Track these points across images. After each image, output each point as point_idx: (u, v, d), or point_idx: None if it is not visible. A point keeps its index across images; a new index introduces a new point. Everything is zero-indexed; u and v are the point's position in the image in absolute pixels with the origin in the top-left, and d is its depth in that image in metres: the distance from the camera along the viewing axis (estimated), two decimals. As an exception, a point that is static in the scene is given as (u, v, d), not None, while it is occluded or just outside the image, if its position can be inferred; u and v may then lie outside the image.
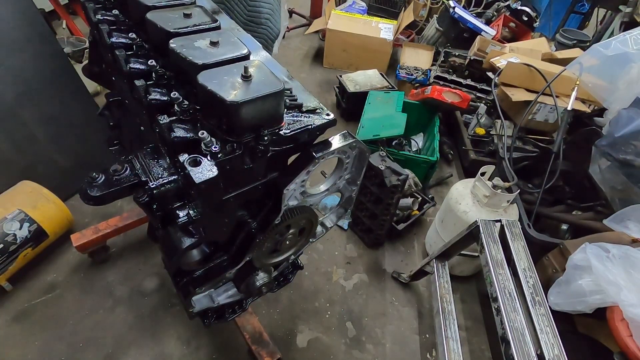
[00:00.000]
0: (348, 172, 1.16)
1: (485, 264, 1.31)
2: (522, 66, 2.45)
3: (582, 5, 4.03)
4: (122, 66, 1.02)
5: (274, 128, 0.94)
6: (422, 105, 2.71)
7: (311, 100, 1.05)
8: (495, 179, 1.67)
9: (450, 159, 2.80)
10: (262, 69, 0.92)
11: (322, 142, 1.02)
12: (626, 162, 1.63)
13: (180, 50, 0.94)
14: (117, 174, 0.87)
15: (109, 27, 1.12)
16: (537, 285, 1.22)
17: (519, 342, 1.09)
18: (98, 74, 1.56)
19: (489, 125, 2.69)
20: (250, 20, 2.02)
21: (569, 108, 2.14)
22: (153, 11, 1.07)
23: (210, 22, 1.09)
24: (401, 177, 1.82)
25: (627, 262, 1.20)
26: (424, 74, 3.18)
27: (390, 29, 3.54)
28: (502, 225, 1.41)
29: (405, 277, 1.98)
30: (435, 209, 2.22)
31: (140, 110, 1.06)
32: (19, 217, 1.71)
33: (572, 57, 2.68)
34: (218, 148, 0.85)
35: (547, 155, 2.01)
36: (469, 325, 1.88)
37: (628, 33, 2.12)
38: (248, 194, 1.01)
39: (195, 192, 0.87)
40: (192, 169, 0.81)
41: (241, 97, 0.82)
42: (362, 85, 2.99)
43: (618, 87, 2.01)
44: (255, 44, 1.21)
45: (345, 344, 1.74)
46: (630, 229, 1.39)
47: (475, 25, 3.53)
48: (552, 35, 3.94)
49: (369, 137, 2.31)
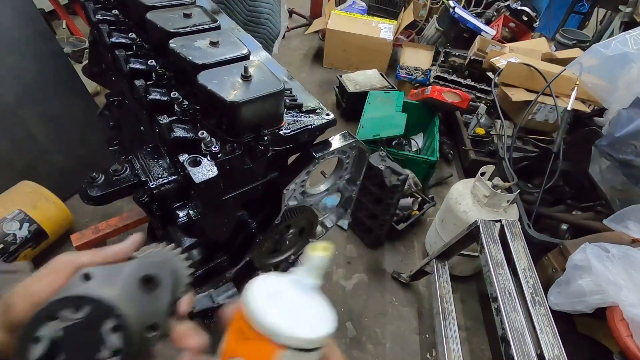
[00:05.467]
0: (348, 172, 1.16)
1: (485, 264, 1.31)
2: (522, 66, 2.45)
3: (582, 5, 4.02)
4: (122, 66, 1.02)
5: (274, 128, 0.94)
6: (422, 105, 2.71)
7: (311, 100, 1.05)
8: (495, 179, 1.67)
9: (450, 159, 2.80)
10: (262, 69, 0.92)
11: (322, 142, 1.02)
12: (626, 162, 1.63)
13: (180, 50, 0.94)
14: (117, 174, 0.87)
15: (109, 27, 1.12)
16: (537, 285, 1.22)
17: (519, 342, 1.09)
18: (98, 74, 1.56)
19: (489, 125, 2.69)
20: (250, 20, 2.02)
21: (569, 108, 2.14)
22: (153, 11, 1.07)
23: (210, 22, 1.09)
24: (401, 177, 1.82)
25: (627, 262, 1.20)
26: (424, 74, 3.18)
27: (390, 29, 3.54)
28: (502, 225, 1.41)
29: (405, 277, 1.98)
30: (435, 209, 2.22)
31: (140, 110, 1.06)
32: (19, 217, 1.71)
33: (572, 57, 2.68)
34: (218, 148, 0.85)
35: (547, 155, 2.01)
36: (469, 325, 1.88)
37: (628, 33, 2.12)
38: (248, 194, 1.01)
39: (195, 192, 0.88)
40: (192, 169, 0.81)
41: (241, 97, 0.82)
42: (362, 85, 2.99)
43: (618, 87, 2.01)
44: (255, 44, 1.21)
45: (345, 344, 1.74)
46: (630, 229, 1.39)
47: (475, 25, 3.53)
48: (552, 35, 3.94)
49: (369, 137, 2.31)
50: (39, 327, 0.35)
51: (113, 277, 0.38)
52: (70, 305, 0.35)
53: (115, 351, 0.36)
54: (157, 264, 0.40)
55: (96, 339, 0.35)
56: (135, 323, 0.36)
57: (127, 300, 0.37)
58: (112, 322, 0.36)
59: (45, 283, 0.38)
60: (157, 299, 0.40)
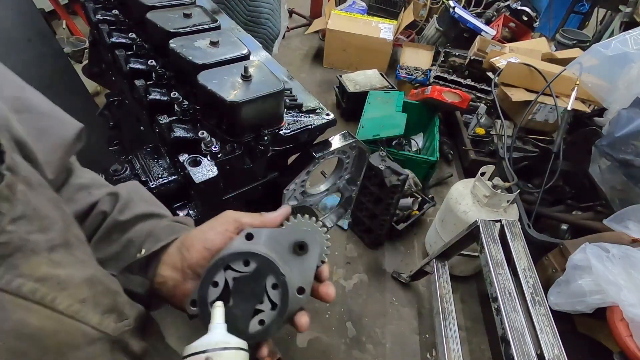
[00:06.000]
0: (348, 172, 1.16)
1: (485, 264, 1.31)
2: (522, 66, 2.45)
3: (582, 5, 4.02)
4: (122, 66, 1.02)
5: (274, 128, 0.94)
6: (422, 105, 2.71)
7: (311, 100, 1.06)
8: (495, 179, 1.67)
9: (450, 159, 2.80)
10: (262, 69, 0.92)
11: (322, 142, 1.02)
12: (626, 162, 1.63)
13: (180, 50, 0.94)
14: (117, 174, 0.87)
15: (109, 27, 1.13)
16: (537, 285, 1.22)
17: (519, 342, 1.09)
18: (98, 74, 1.56)
19: (489, 125, 2.69)
20: (250, 20, 2.02)
21: (569, 108, 2.14)
22: (153, 11, 1.07)
23: (210, 22, 1.09)
24: (401, 177, 1.82)
25: (627, 262, 1.20)
26: (424, 74, 3.18)
27: (390, 29, 3.54)
28: (502, 225, 1.41)
29: (405, 277, 1.98)
30: (435, 209, 2.22)
31: (140, 110, 1.06)
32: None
33: (572, 57, 2.68)
34: (218, 148, 0.85)
35: (547, 155, 2.01)
36: (469, 325, 1.88)
37: (628, 33, 2.12)
38: (248, 194, 1.01)
39: (195, 192, 0.88)
40: (192, 169, 0.81)
41: (241, 97, 0.82)
42: (362, 85, 2.99)
43: (618, 87, 2.01)
44: (255, 44, 1.21)
45: (345, 344, 1.74)
46: (630, 229, 1.39)
47: (475, 25, 3.53)
48: (552, 35, 3.94)
49: (369, 137, 2.31)
50: (217, 273, 0.41)
51: (272, 240, 0.44)
52: (241, 258, 0.41)
53: (273, 306, 0.41)
54: (308, 233, 0.45)
55: (259, 292, 0.41)
56: (290, 284, 0.42)
57: (284, 262, 0.43)
58: (272, 279, 0.41)
59: (217, 232, 0.46)
60: (306, 264, 0.44)
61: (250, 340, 0.41)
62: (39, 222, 0.34)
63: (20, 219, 0.31)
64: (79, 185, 0.55)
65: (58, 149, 0.47)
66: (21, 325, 0.30)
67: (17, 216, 0.31)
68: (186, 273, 0.46)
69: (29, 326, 0.31)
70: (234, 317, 0.41)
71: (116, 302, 0.41)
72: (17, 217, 0.31)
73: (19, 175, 0.33)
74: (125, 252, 0.50)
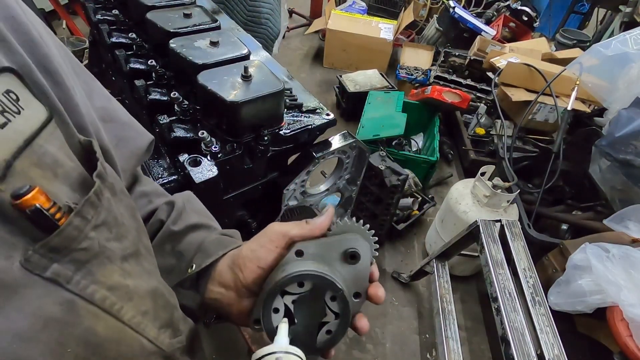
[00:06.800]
0: (348, 172, 1.16)
1: (485, 264, 1.31)
2: (522, 66, 2.45)
3: (582, 5, 4.02)
4: (122, 66, 1.02)
5: (274, 128, 0.94)
6: (422, 105, 2.71)
7: (311, 100, 1.06)
8: (495, 179, 1.67)
9: (450, 159, 2.80)
10: (262, 69, 0.92)
11: (322, 142, 1.02)
12: (626, 162, 1.63)
13: (180, 50, 0.94)
14: (117, 174, 0.87)
15: (109, 27, 1.13)
16: (537, 285, 1.22)
17: (519, 342, 1.09)
18: (98, 74, 1.56)
19: (489, 125, 2.69)
20: (250, 20, 2.02)
21: (569, 108, 2.14)
22: (153, 11, 1.07)
23: (210, 22, 1.09)
24: (401, 177, 1.82)
25: (627, 262, 1.20)
26: (424, 74, 3.18)
27: (390, 29, 3.54)
28: (502, 225, 1.41)
29: (405, 277, 1.98)
30: (435, 209, 2.22)
31: (140, 110, 1.06)
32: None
33: (572, 57, 2.68)
34: (218, 148, 0.85)
35: (547, 155, 2.01)
36: (469, 325, 1.88)
37: (628, 33, 2.12)
38: (248, 194, 1.01)
39: (195, 192, 0.88)
40: (192, 169, 0.81)
41: (241, 97, 0.82)
42: (362, 85, 2.99)
43: (618, 87, 2.01)
44: (255, 44, 1.21)
45: (345, 343, 1.74)
46: (630, 229, 1.39)
47: (475, 25, 3.53)
48: (552, 35, 3.94)
49: (369, 137, 2.31)
50: (274, 299, 0.43)
51: (322, 252, 0.45)
52: (296, 281, 0.42)
53: (336, 315, 0.44)
54: (357, 240, 0.45)
55: (321, 309, 0.44)
56: (347, 292, 0.43)
57: (337, 271, 0.44)
58: (330, 293, 0.43)
59: (267, 250, 0.46)
60: (359, 270, 0.45)
61: (318, 353, 0.44)
62: (117, 229, 0.34)
63: (102, 226, 0.32)
64: (142, 193, 0.56)
65: (133, 157, 0.49)
66: (89, 332, 0.30)
67: (100, 223, 0.31)
68: (241, 292, 0.47)
69: (96, 334, 0.31)
70: (300, 334, 0.43)
71: (173, 316, 0.42)
72: (99, 224, 0.31)
73: (106, 182, 0.33)
74: (176, 265, 0.51)
